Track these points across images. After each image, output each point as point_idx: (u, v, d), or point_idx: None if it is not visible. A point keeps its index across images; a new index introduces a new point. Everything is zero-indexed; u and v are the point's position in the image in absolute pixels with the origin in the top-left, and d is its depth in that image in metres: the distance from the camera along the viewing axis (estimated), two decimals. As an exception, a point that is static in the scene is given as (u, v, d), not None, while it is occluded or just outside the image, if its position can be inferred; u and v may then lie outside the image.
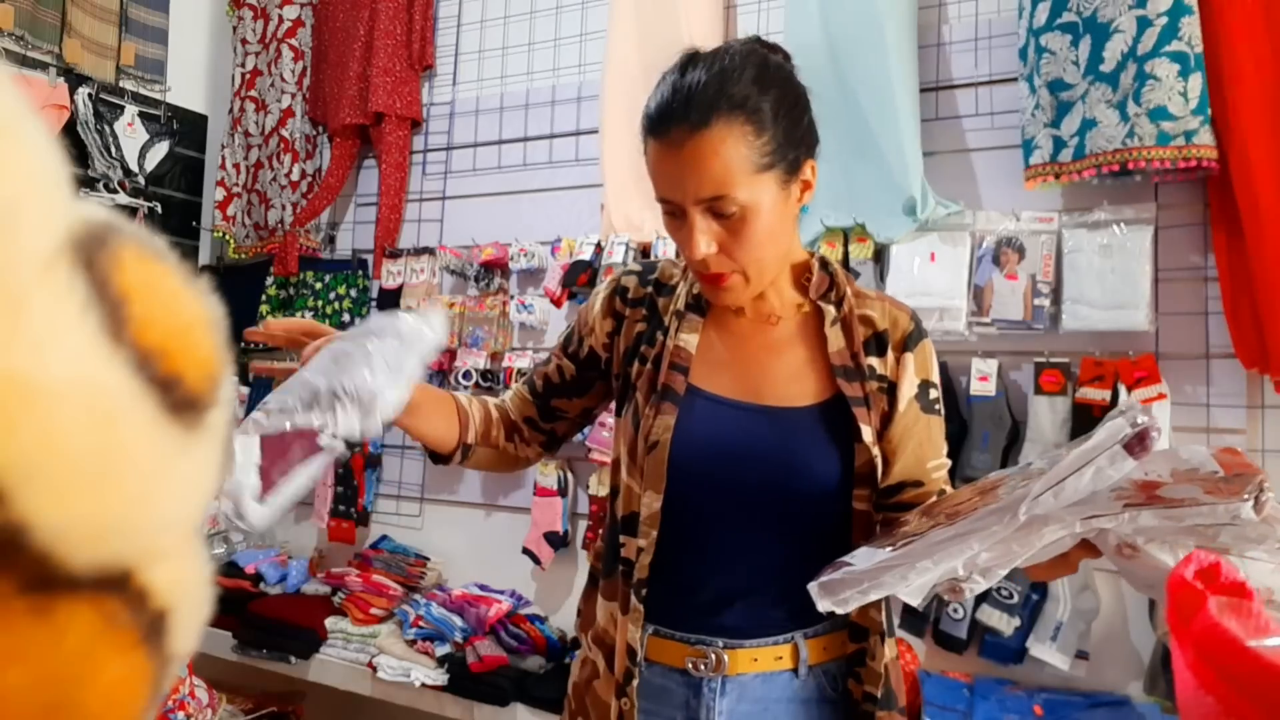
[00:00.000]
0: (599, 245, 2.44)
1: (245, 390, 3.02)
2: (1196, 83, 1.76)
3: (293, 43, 3.07)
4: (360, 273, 2.99)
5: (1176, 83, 1.76)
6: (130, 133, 2.93)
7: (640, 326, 1.15)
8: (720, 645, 1.04)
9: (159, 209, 3.00)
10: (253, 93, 3.12)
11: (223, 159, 3.14)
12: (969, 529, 0.75)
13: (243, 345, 3.02)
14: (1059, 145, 1.92)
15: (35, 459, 0.26)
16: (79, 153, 2.78)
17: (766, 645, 1.05)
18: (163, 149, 3.05)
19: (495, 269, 2.71)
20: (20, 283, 0.27)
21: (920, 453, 1.07)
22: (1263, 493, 0.65)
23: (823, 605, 0.80)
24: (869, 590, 0.78)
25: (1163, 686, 1.78)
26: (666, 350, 1.10)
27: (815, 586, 0.82)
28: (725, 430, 1.05)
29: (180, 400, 0.30)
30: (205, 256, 3.27)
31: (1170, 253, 1.93)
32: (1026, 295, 1.96)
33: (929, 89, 2.14)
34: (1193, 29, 1.76)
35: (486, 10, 2.89)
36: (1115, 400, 1.86)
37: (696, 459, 1.05)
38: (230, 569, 2.71)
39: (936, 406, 1.10)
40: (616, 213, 2.42)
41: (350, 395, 0.84)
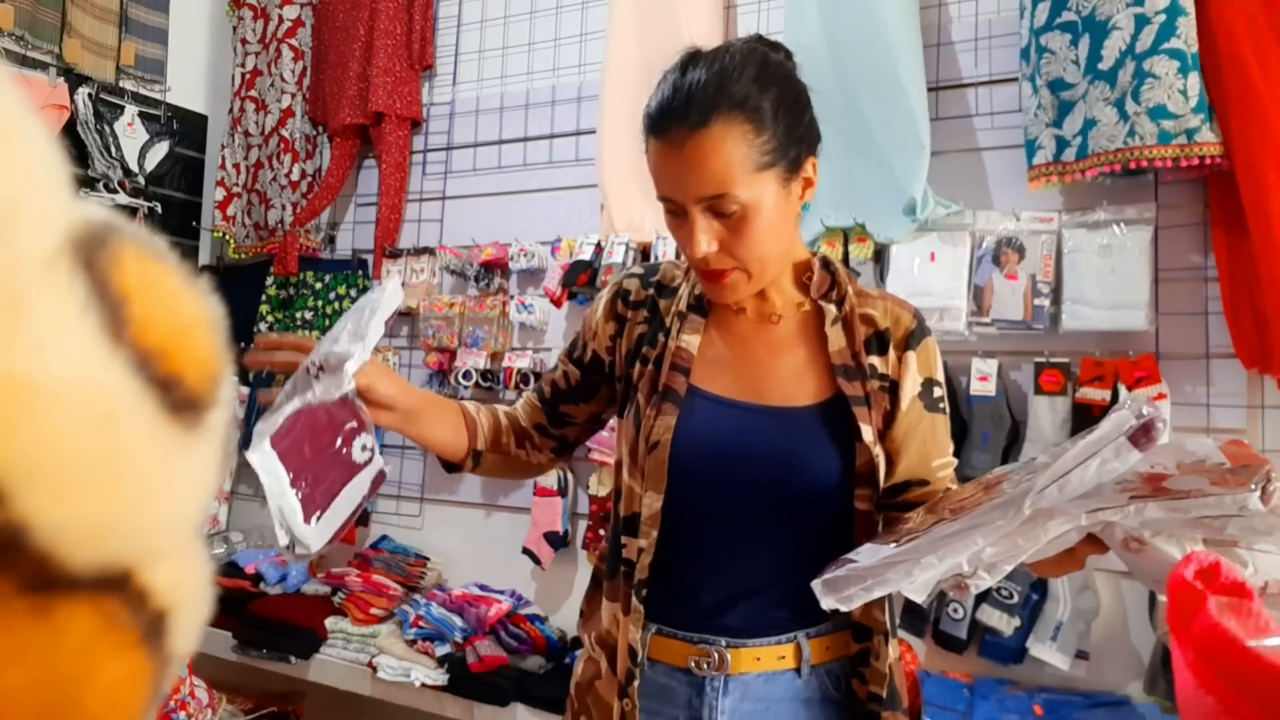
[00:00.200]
0: (599, 245, 2.44)
1: (245, 390, 3.02)
2: (1195, 81, 1.75)
3: (293, 43, 3.07)
4: (360, 273, 2.99)
5: (1176, 80, 1.76)
6: (130, 133, 2.93)
7: (642, 328, 1.15)
8: (723, 644, 1.04)
9: (159, 209, 3.00)
10: (253, 93, 3.12)
11: (223, 159, 3.14)
12: (973, 524, 0.75)
13: (243, 345, 3.03)
14: (1062, 145, 1.92)
15: (35, 459, 0.26)
16: (79, 153, 2.78)
17: (769, 645, 1.05)
18: (163, 149, 3.05)
19: (495, 269, 2.71)
20: (20, 283, 0.27)
21: (925, 451, 1.07)
22: (1270, 483, 0.64)
23: (826, 603, 0.80)
24: (873, 587, 0.78)
25: (1163, 686, 1.78)
26: (668, 351, 1.10)
27: (819, 584, 0.81)
28: (726, 430, 1.06)
29: (180, 400, 0.30)
30: (205, 256, 3.27)
31: (1170, 253, 1.93)
32: (1026, 295, 1.96)
33: (929, 89, 2.14)
34: (1188, 28, 1.76)
35: (486, 10, 2.89)
36: (1115, 400, 1.86)
37: (697, 459, 1.05)
38: (230, 569, 2.71)
39: (941, 405, 1.09)
40: (616, 213, 2.42)
41: (317, 364, 0.93)
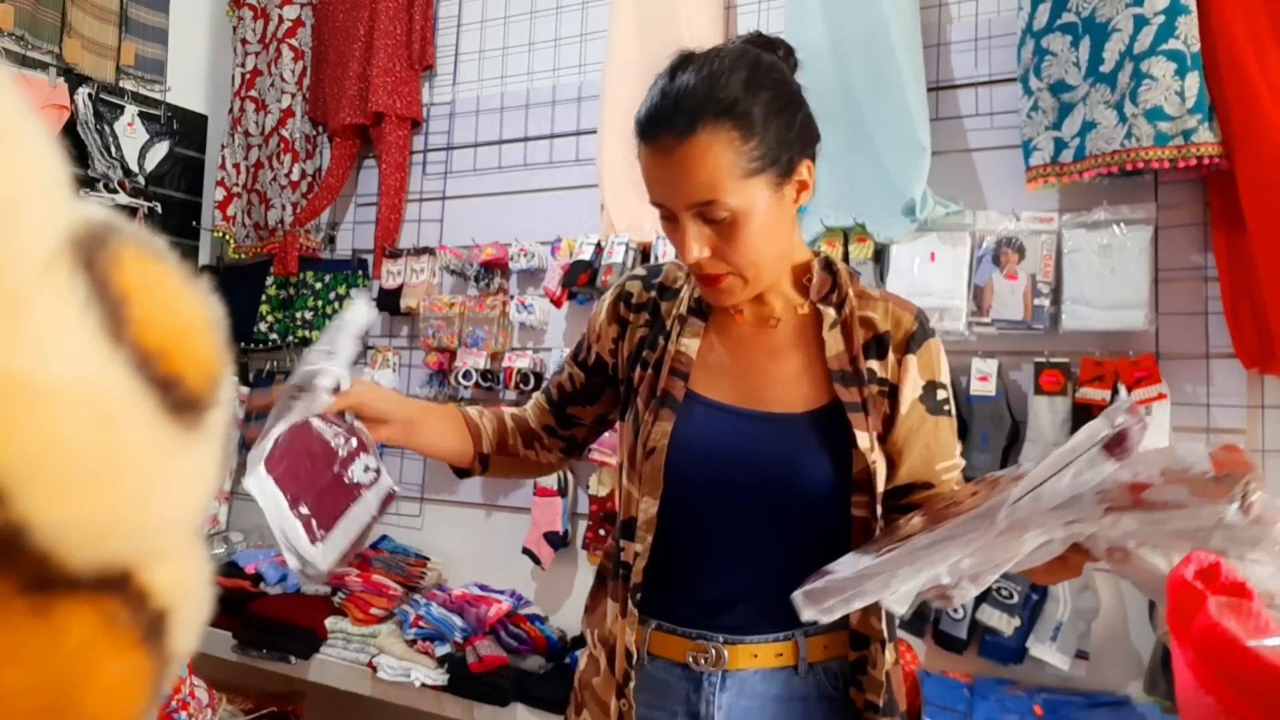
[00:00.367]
0: (599, 245, 2.44)
1: (245, 390, 3.02)
2: (1194, 82, 1.75)
3: (293, 43, 3.07)
4: (360, 273, 2.99)
5: (1173, 82, 1.76)
6: (130, 133, 2.93)
7: (643, 331, 1.15)
8: (720, 641, 1.05)
9: (159, 209, 3.00)
10: (253, 93, 3.12)
11: (223, 159, 3.14)
12: (949, 535, 0.74)
13: (243, 345, 3.03)
14: (1060, 146, 1.92)
15: (35, 459, 0.26)
16: (79, 153, 2.78)
17: (767, 642, 1.05)
18: (163, 149, 3.05)
19: (495, 269, 2.71)
20: (20, 283, 0.27)
21: (928, 454, 1.06)
22: (1249, 493, 0.63)
23: (806, 614, 0.80)
24: (852, 598, 0.77)
25: (1163, 686, 1.78)
26: (667, 355, 1.10)
27: (799, 595, 0.81)
28: (721, 437, 1.06)
29: (180, 400, 0.30)
30: (205, 256, 3.27)
31: (1170, 253, 1.93)
32: (1026, 295, 1.96)
33: (929, 89, 2.14)
34: (1189, 28, 1.76)
35: (486, 10, 2.89)
36: (1115, 400, 1.86)
37: (693, 465, 1.05)
38: (230, 569, 2.71)
39: (945, 407, 1.08)
40: (616, 213, 2.42)
41: (296, 386, 0.99)
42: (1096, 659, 1.91)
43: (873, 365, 1.06)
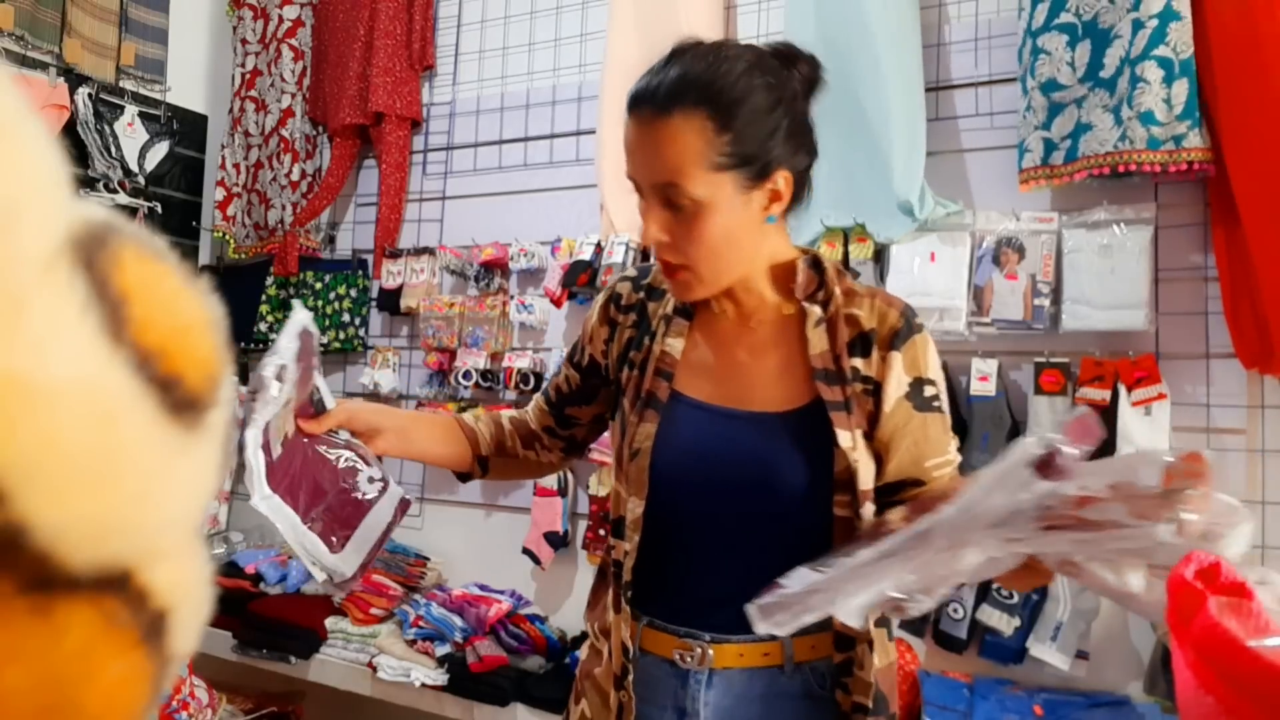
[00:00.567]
0: (599, 245, 2.44)
1: (245, 390, 3.02)
2: (1182, 89, 1.76)
3: (293, 43, 3.07)
4: (360, 273, 2.99)
5: (1161, 89, 1.77)
6: (130, 133, 2.93)
7: (630, 332, 1.16)
8: (707, 639, 1.06)
9: (159, 209, 3.00)
10: (253, 93, 3.12)
11: (223, 159, 3.14)
12: (891, 550, 0.74)
13: (243, 345, 3.03)
14: (1049, 148, 1.92)
15: (35, 459, 0.26)
16: (79, 153, 2.78)
17: (753, 641, 1.05)
18: (163, 149, 3.04)
19: (495, 269, 2.71)
20: (20, 283, 0.27)
21: (917, 452, 1.05)
22: (1187, 513, 0.62)
23: (760, 628, 0.79)
24: (800, 614, 0.77)
25: (1163, 686, 1.78)
26: (652, 356, 1.11)
27: (753, 608, 0.80)
28: (704, 437, 1.06)
29: (180, 400, 0.30)
30: (205, 256, 3.27)
31: (1170, 253, 1.93)
32: (1026, 295, 1.96)
33: (929, 89, 2.14)
34: (1180, 34, 1.77)
35: (486, 10, 2.89)
36: (1115, 400, 1.86)
37: (677, 466, 1.06)
38: (230, 569, 2.70)
39: (935, 404, 1.06)
40: (616, 213, 2.42)
41: (250, 390, 1.04)
42: (1096, 659, 1.91)
43: (857, 363, 1.04)
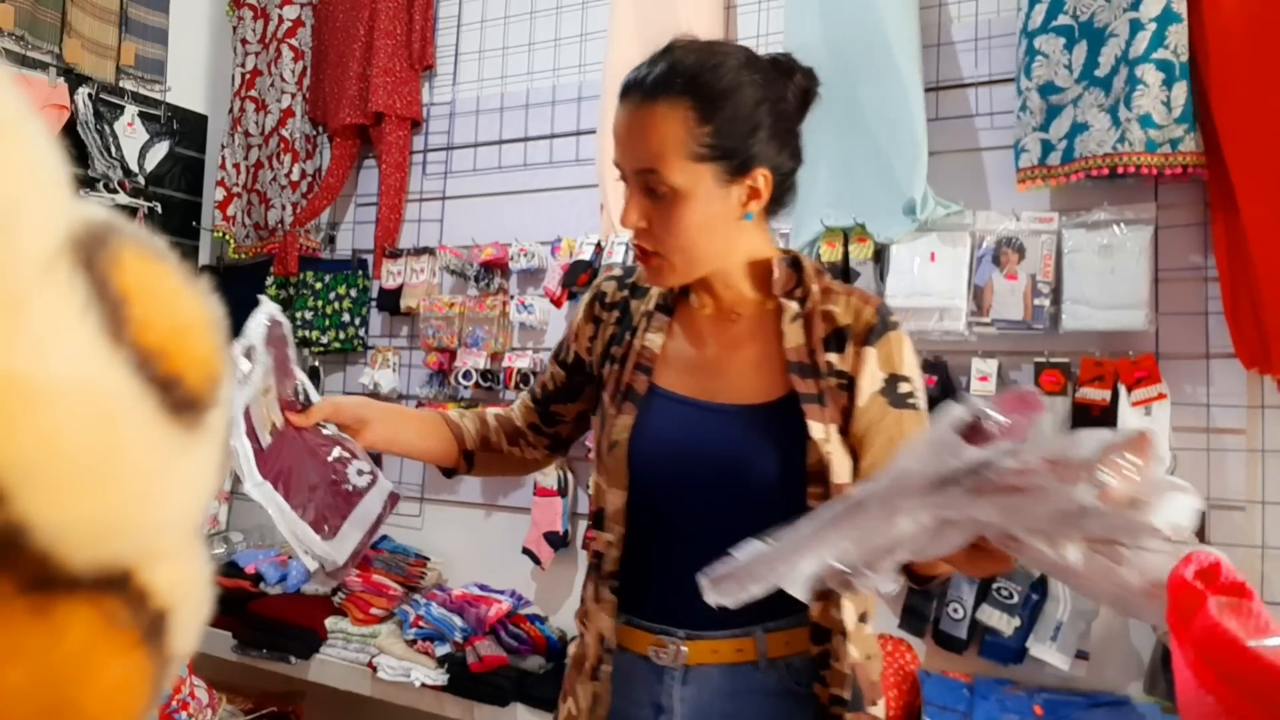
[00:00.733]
0: (599, 245, 2.44)
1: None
2: (1180, 91, 1.76)
3: (293, 43, 3.07)
4: (360, 273, 2.99)
5: (1160, 91, 1.77)
6: (130, 133, 2.93)
7: (613, 329, 1.19)
8: (681, 636, 1.07)
9: (159, 209, 3.00)
10: (253, 93, 3.12)
11: (223, 159, 3.14)
12: (830, 519, 0.75)
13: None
14: (1047, 149, 1.93)
15: (35, 459, 0.26)
16: (79, 153, 2.78)
17: (727, 638, 1.06)
18: (163, 149, 3.04)
19: (495, 269, 2.71)
20: (20, 283, 0.27)
21: (892, 448, 1.05)
22: (1105, 476, 0.61)
23: (710, 598, 0.80)
24: (747, 584, 0.78)
25: (1163, 686, 1.78)
26: (633, 350, 1.14)
27: (704, 580, 0.81)
28: (680, 429, 1.09)
29: (180, 400, 0.30)
30: (205, 256, 3.27)
31: (1170, 253, 1.93)
32: (1026, 295, 1.96)
33: (929, 89, 2.14)
34: (1179, 37, 1.77)
35: (486, 10, 2.89)
36: (1115, 400, 1.86)
37: (654, 457, 1.08)
38: (230, 569, 2.70)
39: (910, 401, 1.06)
40: (616, 213, 2.42)
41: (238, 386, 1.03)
42: (1096, 659, 1.91)
43: (831, 358, 1.06)
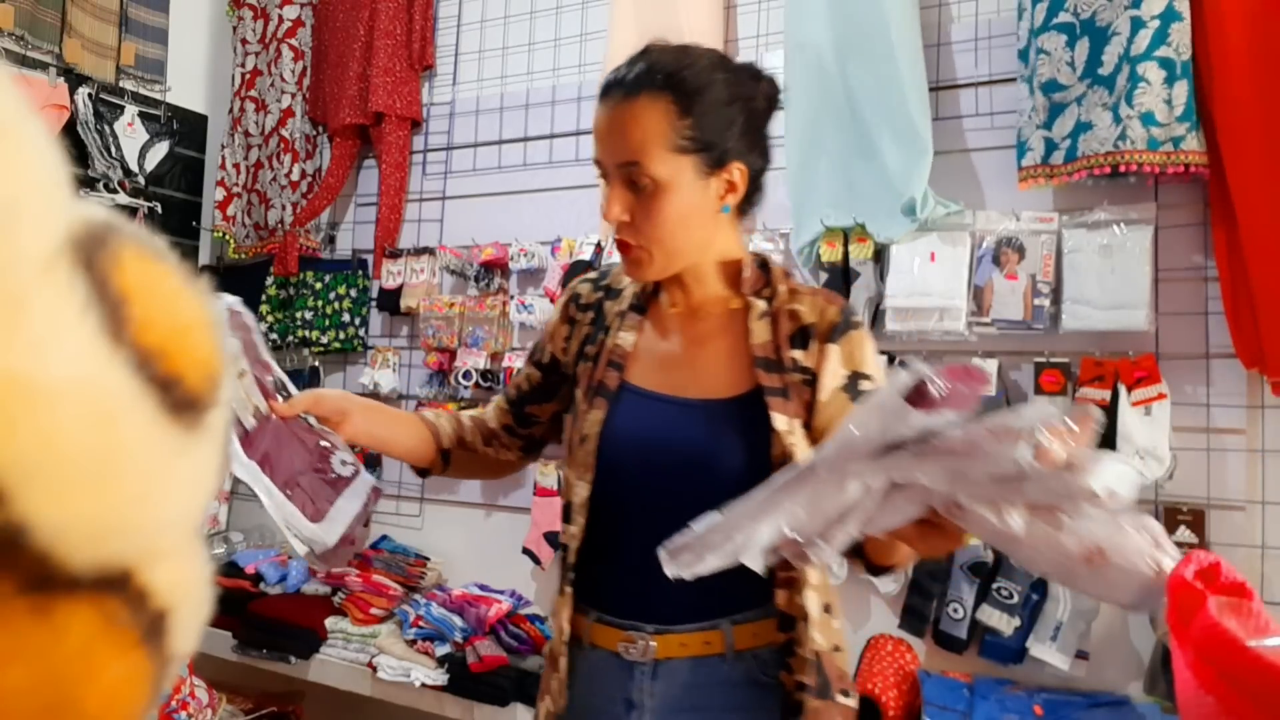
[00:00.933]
0: (599, 245, 2.44)
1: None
2: (1182, 90, 1.76)
3: (293, 43, 3.07)
4: (360, 273, 2.99)
5: (1162, 89, 1.77)
6: (130, 133, 2.93)
7: (588, 329, 1.22)
8: (650, 631, 1.09)
9: (159, 209, 3.00)
10: (253, 93, 3.12)
11: (223, 159, 3.13)
12: (782, 486, 0.76)
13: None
14: (1050, 147, 1.92)
15: (35, 459, 0.26)
16: (79, 153, 2.78)
17: (695, 631, 1.08)
18: (163, 149, 3.04)
19: (495, 269, 2.71)
20: (20, 283, 0.27)
21: None
22: (1042, 435, 0.63)
23: (670, 570, 0.81)
24: (704, 553, 0.79)
25: (1163, 686, 1.78)
26: (605, 348, 1.17)
27: (662, 552, 0.82)
28: (649, 423, 1.11)
29: (180, 400, 0.30)
30: (205, 256, 3.27)
31: (1170, 253, 1.93)
32: (1026, 295, 1.96)
33: (929, 89, 2.13)
34: (1182, 35, 1.77)
35: (486, 10, 2.89)
36: (1115, 400, 1.86)
37: (623, 451, 1.11)
38: (230, 569, 2.70)
39: None
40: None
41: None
42: (1096, 659, 1.91)
43: (796, 354, 1.09)
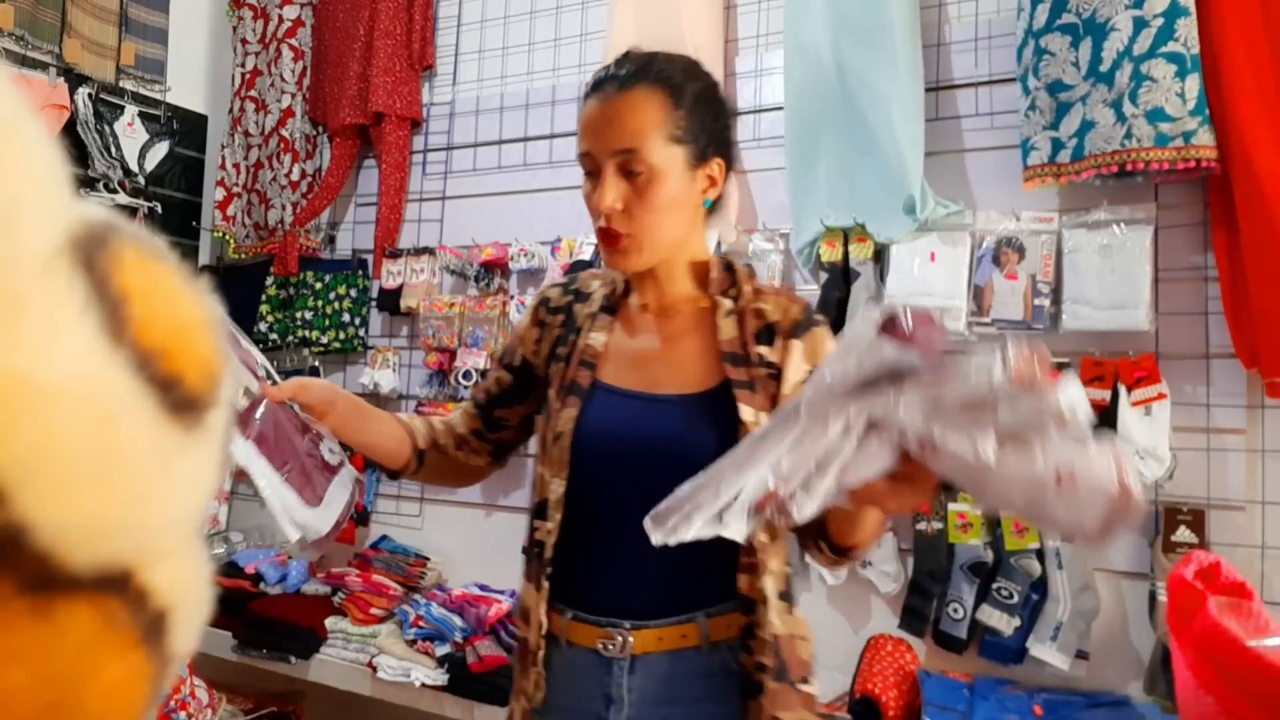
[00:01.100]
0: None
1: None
2: (1194, 84, 1.76)
3: (293, 43, 3.07)
4: (360, 273, 2.99)
5: (1174, 84, 1.76)
6: (130, 133, 2.93)
7: (559, 331, 1.25)
8: (627, 627, 1.11)
9: (159, 209, 3.00)
10: (253, 93, 3.12)
11: (223, 159, 3.13)
12: (765, 435, 0.77)
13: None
14: (1057, 146, 1.92)
15: (35, 459, 0.26)
16: (79, 153, 2.78)
17: (671, 624, 1.11)
18: (163, 149, 3.04)
19: (495, 269, 2.71)
20: (20, 282, 0.27)
21: None
22: (1013, 356, 0.66)
23: (655, 538, 0.81)
24: (690, 514, 0.79)
25: (1163, 686, 1.78)
26: (577, 349, 1.19)
27: (648, 520, 0.82)
28: (621, 419, 1.14)
29: (180, 400, 0.30)
30: (205, 256, 3.27)
31: (1170, 253, 1.93)
32: (1026, 295, 1.96)
33: (929, 89, 2.14)
34: (1189, 30, 1.77)
35: (486, 10, 2.89)
36: (1115, 400, 1.86)
37: (596, 448, 1.13)
38: (230, 569, 2.70)
39: None
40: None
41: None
42: (1096, 659, 1.91)
43: (762, 350, 1.14)
